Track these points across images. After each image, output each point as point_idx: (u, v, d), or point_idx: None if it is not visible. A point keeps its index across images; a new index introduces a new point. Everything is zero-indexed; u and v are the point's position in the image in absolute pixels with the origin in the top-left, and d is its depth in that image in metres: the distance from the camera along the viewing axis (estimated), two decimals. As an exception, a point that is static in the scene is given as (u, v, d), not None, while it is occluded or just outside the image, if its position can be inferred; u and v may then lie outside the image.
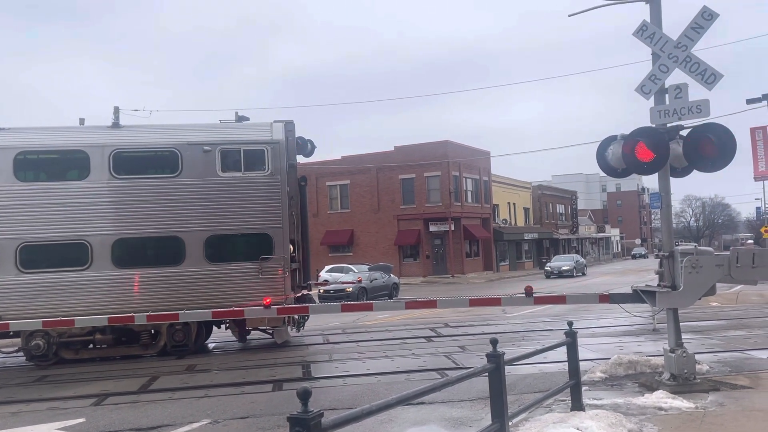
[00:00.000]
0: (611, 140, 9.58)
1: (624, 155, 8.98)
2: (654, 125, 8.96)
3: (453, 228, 49.69)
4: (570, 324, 7.48)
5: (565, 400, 7.72)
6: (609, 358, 10.23)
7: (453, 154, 50.59)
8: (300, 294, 14.98)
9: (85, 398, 10.02)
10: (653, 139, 8.67)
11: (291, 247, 14.43)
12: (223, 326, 15.00)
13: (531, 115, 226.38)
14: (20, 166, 13.52)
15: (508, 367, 5.85)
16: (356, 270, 34.67)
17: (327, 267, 38.76)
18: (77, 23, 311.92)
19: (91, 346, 13.88)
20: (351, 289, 28.61)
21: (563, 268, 47.36)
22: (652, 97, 9.08)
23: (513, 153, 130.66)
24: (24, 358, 13.89)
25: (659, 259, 9.38)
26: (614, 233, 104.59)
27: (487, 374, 5.53)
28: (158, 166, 14.23)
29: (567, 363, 7.43)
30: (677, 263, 8.90)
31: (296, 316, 14.73)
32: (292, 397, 8.71)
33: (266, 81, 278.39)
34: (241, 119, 15.61)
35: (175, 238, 13.72)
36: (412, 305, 12.65)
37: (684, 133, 8.96)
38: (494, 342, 5.63)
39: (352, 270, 35.03)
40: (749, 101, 31.73)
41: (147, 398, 9.87)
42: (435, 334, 15.66)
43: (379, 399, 4.20)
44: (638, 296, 9.69)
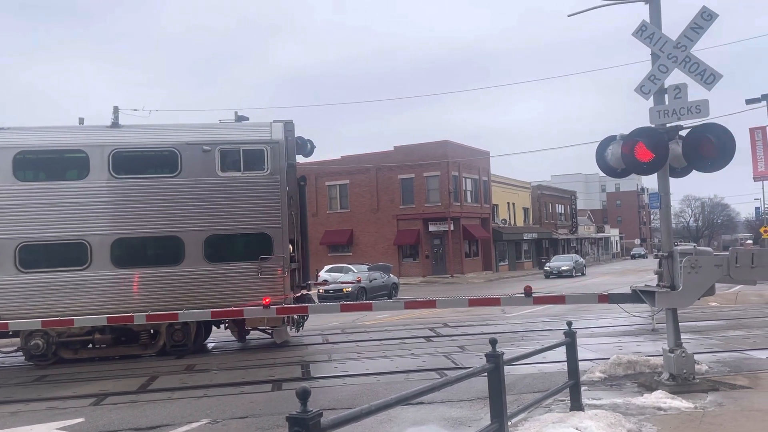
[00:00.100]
0: (610, 140, 9.58)
1: (623, 155, 8.98)
2: (653, 125, 8.96)
3: (452, 228, 49.70)
4: (569, 324, 7.49)
5: (565, 400, 7.72)
6: (608, 358, 10.23)
7: (452, 154, 50.61)
8: (299, 294, 14.99)
9: (84, 398, 10.02)
10: (652, 140, 8.67)
11: (290, 247, 14.44)
12: (223, 326, 15.02)
13: (531, 115, 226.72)
14: (19, 166, 13.52)
15: (508, 367, 5.86)
16: (355, 270, 34.70)
17: (326, 267, 38.82)
18: (77, 23, 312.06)
19: (91, 346, 13.89)
20: (350, 289, 28.63)
21: (562, 268, 47.39)
22: (652, 98, 9.08)
23: (512, 153, 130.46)
24: (23, 358, 13.90)
25: (658, 259, 9.38)
26: (613, 233, 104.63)
27: (487, 374, 5.53)
28: (158, 166, 14.23)
29: (566, 363, 7.44)
30: (676, 263, 8.90)
31: (295, 316, 14.74)
32: (292, 397, 8.69)
33: (266, 81, 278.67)
34: (241, 119, 15.60)
35: (175, 238, 13.72)
36: (412, 305, 12.65)
37: (683, 134, 8.96)
38: (493, 342, 5.63)
39: (352, 270, 35.07)
40: (749, 101, 31.72)
41: (146, 398, 9.87)
42: (434, 334, 15.66)
43: (379, 399, 4.20)
44: (637, 296, 9.69)
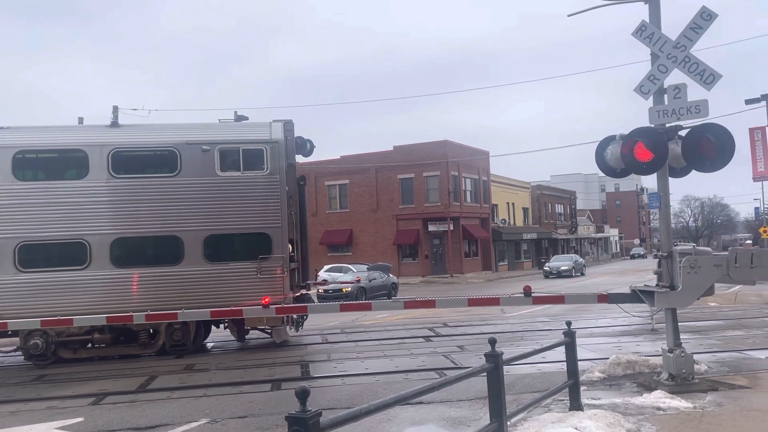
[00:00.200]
0: (610, 140, 9.58)
1: (623, 155, 8.97)
2: (653, 125, 8.95)
3: (452, 228, 49.70)
4: (568, 324, 7.49)
5: (564, 400, 7.72)
6: (607, 358, 10.23)
7: (452, 154, 50.61)
8: (299, 293, 14.98)
9: (84, 397, 10.02)
10: (652, 139, 8.67)
11: (290, 247, 14.44)
12: (222, 326, 15.01)
13: (530, 115, 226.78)
14: (19, 165, 13.51)
15: (507, 367, 5.86)
16: (355, 270, 34.72)
17: (326, 267, 38.86)
18: (77, 23, 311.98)
19: (90, 346, 13.88)
20: (349, 289, 28.63)
21: (562, 268, 47.39)
22: (651, 98, 9.08)
23: (512, 153, 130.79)
24: (22, 358, 13.90)
25: (658, 259, 9.37)
26: (613, 233, 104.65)
27: (486, 374, 5.53)
28: (157, 166, 14.22)
29: (565, 363, 7.44)
30: (676, 263, 8.90)
31: (295, 316, 14.73)
32: (291, 397, 8.66)
33: (266, 81, 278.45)
34: (240, 119, 15.58)
35: (174, 238, 13.71)
36: (411, 305, 12.65)
37: (683, 134, 8.95)
38: (493, 342, 5.63)
39: (351, 270, 35.09)
40: (748, 101, 31.70)
41: (145, 398, 9.87)
42: (433, 334, 15.66)
43: (378, 398, 4.20)
44: (637, 296, 9.69)
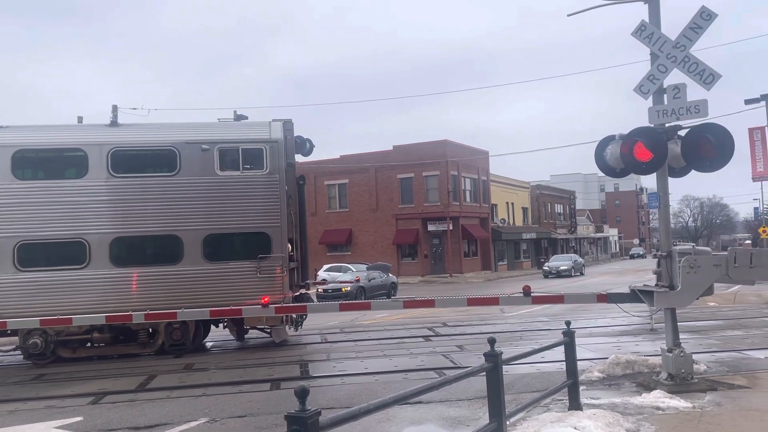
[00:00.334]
0: (610, 140, 9.57)
1: (622, 155, 8.97)
2: (652, 125, 8.95)
3: (451, 227, 49.70)
4: (568, 323, 7.49)
5: (563, 400, 7.72)
6: (607, 358, 10.23)
7: (452, 154, 50.62)
8: (298, 293, 14.99)
9: (83, 397, 10.02)
10: (651, 139, 8.67)
11: (289, 246, 14.43)
12: (221, 325, 15.01)
13: (530, 115, 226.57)
14: (18, 165, 13.50)
15: (506, 367, 5.86)
16: (354, 269, 34.71)
17: (325, 266, 38.86)
18: (77, 22, 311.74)
19: (89, 345, 13.87)
20: (349, 288, 28.62)
21: (561, 268, 47.38)
22: (651, 97, 9.07)
23: (511, 153, 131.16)
24: (21, 357, 13.88)
25: (657, 259, 9.37)
26: (612, 233, 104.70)
27: (485, 373, 5.53)
28: (156, 165, 14.21)
29: (565, 362, 7.44)
30: (675, 263, 8.90)
31: (294, 315, 14.73)
32: (290, 396, 8.67)
33: (266, 81, 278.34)
34: (240, 118, 15.58)
35: (173, 237, 13.71)
36: (410, 305, 12.66)
37: (682, 133, 8.95)
38: (492, 341, 5.63)
39: (351, 269, 35.08)
40: (748, 101, 31.65)
41: (145, 397, 9.87)
42: (433, 334, 15.65)
43: (377, 398, 4.20)
44: (636, 296, 9.69)
